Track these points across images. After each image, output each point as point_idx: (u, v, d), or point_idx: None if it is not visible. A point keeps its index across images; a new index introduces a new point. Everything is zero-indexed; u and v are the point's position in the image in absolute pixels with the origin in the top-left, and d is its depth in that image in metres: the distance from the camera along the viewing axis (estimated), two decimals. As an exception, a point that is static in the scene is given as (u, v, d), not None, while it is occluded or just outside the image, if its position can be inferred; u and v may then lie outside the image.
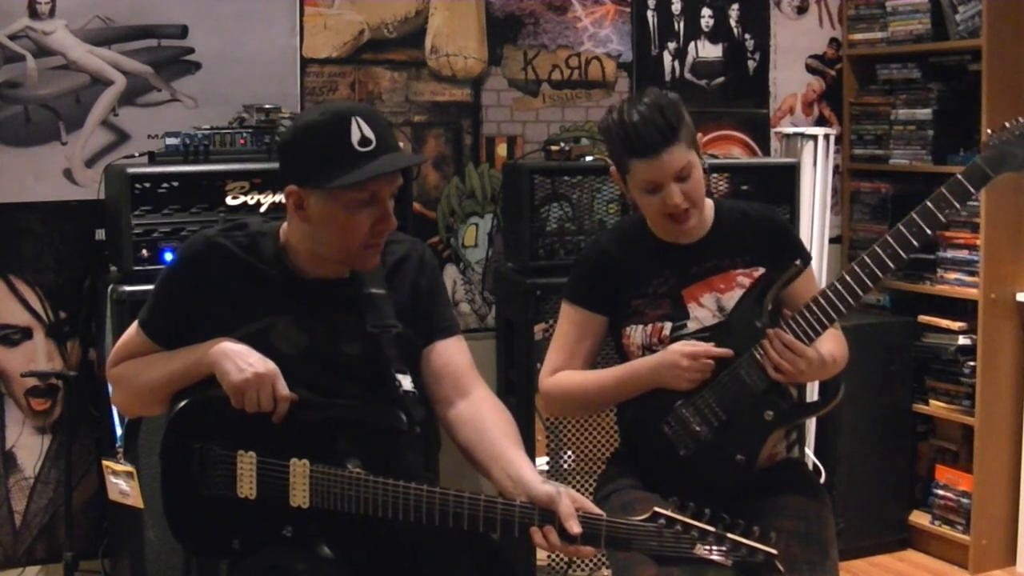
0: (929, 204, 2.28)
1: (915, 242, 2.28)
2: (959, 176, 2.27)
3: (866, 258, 2.30)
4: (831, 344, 2.42)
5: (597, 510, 1.97)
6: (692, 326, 2.41)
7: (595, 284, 2.50)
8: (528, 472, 2.00)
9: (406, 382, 2.07)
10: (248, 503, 2.00)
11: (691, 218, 2.39)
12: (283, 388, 1.99)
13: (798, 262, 2.40)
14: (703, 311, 2.42)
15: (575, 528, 1.91)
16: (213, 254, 2.10)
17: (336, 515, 1.98)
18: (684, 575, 2.19)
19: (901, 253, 2.29)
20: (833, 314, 2.31)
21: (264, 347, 2.03)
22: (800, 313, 2.32)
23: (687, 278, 2.44)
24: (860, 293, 2.31)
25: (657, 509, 1.94)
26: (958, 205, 2.26)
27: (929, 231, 2.28)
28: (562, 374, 2.50)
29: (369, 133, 1.98)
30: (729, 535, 1.92)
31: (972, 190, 2.25)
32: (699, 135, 2.43)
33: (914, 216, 2.28)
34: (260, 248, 2.11)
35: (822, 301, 2.32)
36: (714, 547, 1.92)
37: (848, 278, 2.31)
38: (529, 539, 1.94)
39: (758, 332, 2.33)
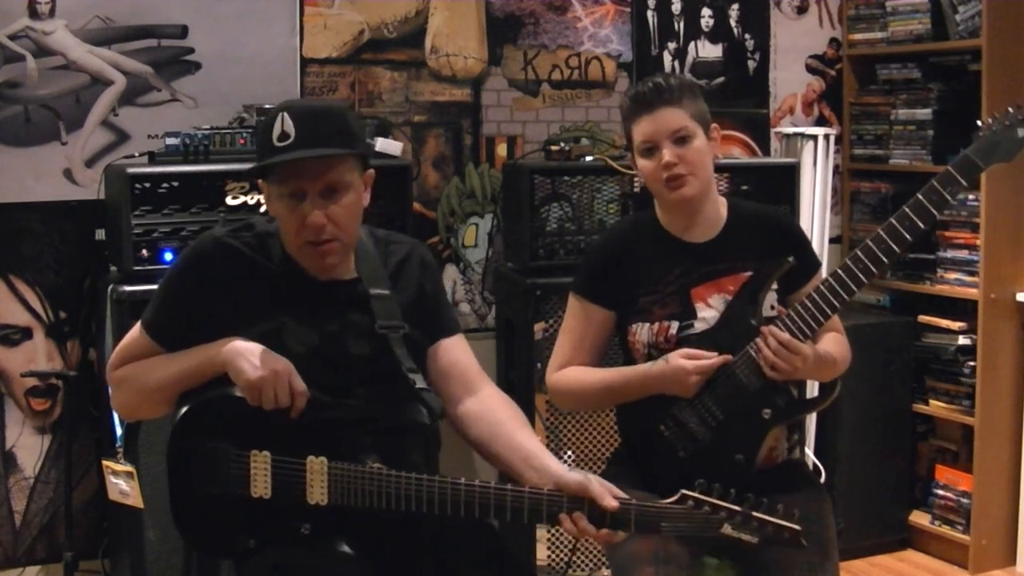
0: (920, 197, 2.28)
1: (908, 236, 2.28)
2: (949, 168, 2.28)
3: (859, 253, 2.31)
4: (831, 345, 2.43)
5: (624, 495, 1.99)
6: (699, 326, 2.40)
7: (604, 279, 2.50)
8: (553, 462, 2.03)
9: (419, 380, 2.09)
10: (262, 502, 2.00)
11: (686, 184, 2.38)
12: (299, 383, 2.00)
13: (791, 258, 2.40)
14: (710, 312, 2.41)
15: (612, 503, 1.94)
16: (221, 254, 2.11)
17: (353, 512, 1.99)
18: (685, 571, 2.21)
19: (894, 247, 2.29)
20: (828, 310, 2.32)
21: (274, 347, 2.04)
22: (795, 310, 2.32)
23: (696, 277, 2.43)
24: (855, 288, 2.31)
25: (685, 491, 1.97)
26: (949, 197, 2.27)
27: (922, 224, 2.28)
28: (568, 370, 2.50)
29: (290, 128, 2.00)
30: (755, 514, 1.96)
31: (963, 181, 2.26)
32: (715, 126, 2.45)
33: (906, 210, 2.29)
34: (268, 248, 2.13)
35: (816, 297, 2.32)
36: (741, 526, 1.96)
37: (842, 274, 2.31)
38: (558, 526, 1.97)
39: (752, 330, 2.34)
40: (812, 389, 3.23)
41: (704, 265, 2.43)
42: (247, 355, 2.00)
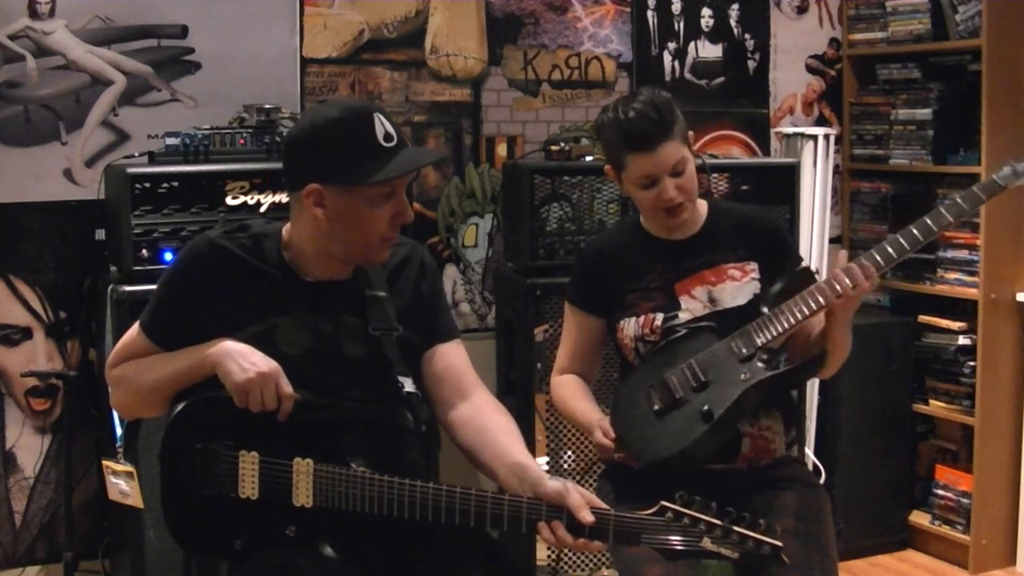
0: (942, 210, 2.37)
1: (936, 228, 2.38)
2: (974, 188, 2.39)
3: (913, 228, 2.36)
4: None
5: (604, 505, 1.98)
6: (683, 316, 2.46)
7: (591, 286, 2.58)
8: (534, 469, 2.02)
9: (408, 383, 2.09)
10: (250, 503, 2.00)
11: (684, 211, 2.46)
12: (286, 386, 2.00)
13: (808, 266, 2.47)
14: (694, 303, 2.47)
15: (588, 517, 1.93)
16: (215, 255, 2.10)
17: (339, 514, 1.99)
18: (689, 570, 2.21)
19: (923, 238, 2.37)
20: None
21: (268, 348, 2.03)
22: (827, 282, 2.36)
23: (679, 272, 2.50)
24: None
25: (664, 503, 1.95)
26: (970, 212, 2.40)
27: (951, 220, 2.40)
28: (563, 383, 2.60)
29: (391, 129, 2.02)
30: (736, 528, 1.94)
31: (983, 197, 2.40)
32: (690, 132, 2.49)
33: (941, 210, 2.39)
34: (263, 249, 2.12)
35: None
36: (721, 540, 1.93)
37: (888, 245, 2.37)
38: (537, 535, 1.96)
39: (760, 314, 2.38)
40: (812, 392, 3.23)
41: (685, 261, 2.50)
42: (236, 356, 2.00)
